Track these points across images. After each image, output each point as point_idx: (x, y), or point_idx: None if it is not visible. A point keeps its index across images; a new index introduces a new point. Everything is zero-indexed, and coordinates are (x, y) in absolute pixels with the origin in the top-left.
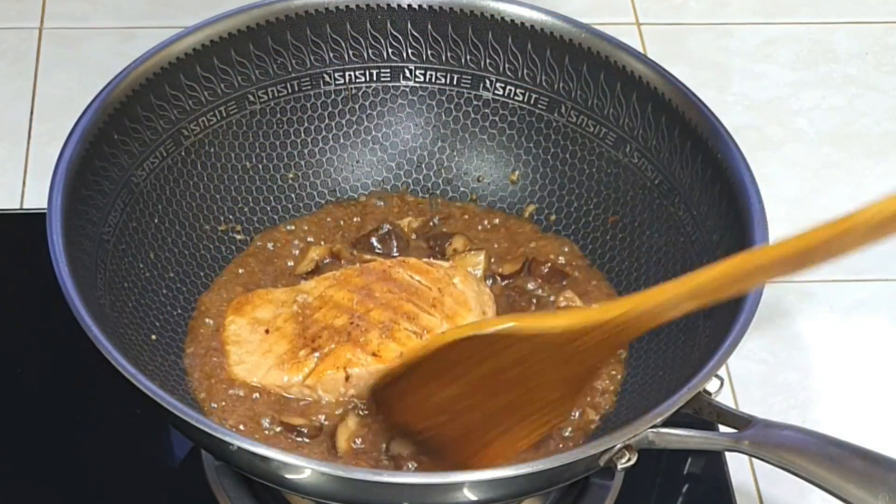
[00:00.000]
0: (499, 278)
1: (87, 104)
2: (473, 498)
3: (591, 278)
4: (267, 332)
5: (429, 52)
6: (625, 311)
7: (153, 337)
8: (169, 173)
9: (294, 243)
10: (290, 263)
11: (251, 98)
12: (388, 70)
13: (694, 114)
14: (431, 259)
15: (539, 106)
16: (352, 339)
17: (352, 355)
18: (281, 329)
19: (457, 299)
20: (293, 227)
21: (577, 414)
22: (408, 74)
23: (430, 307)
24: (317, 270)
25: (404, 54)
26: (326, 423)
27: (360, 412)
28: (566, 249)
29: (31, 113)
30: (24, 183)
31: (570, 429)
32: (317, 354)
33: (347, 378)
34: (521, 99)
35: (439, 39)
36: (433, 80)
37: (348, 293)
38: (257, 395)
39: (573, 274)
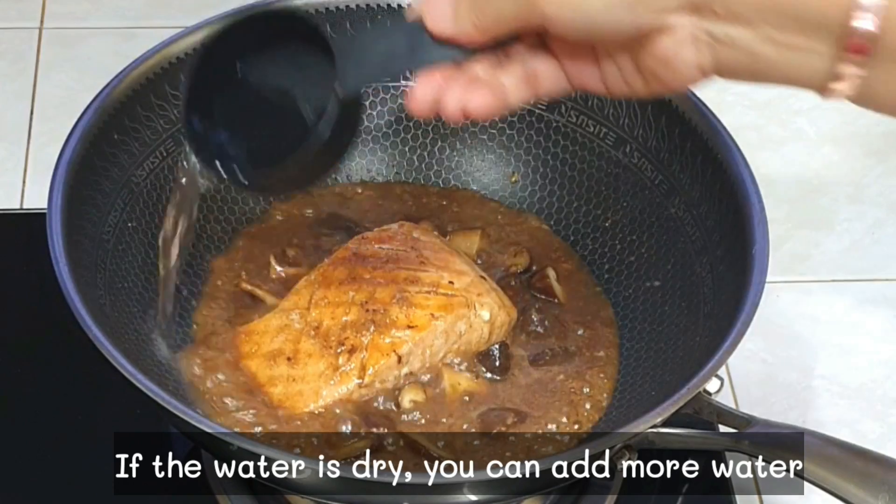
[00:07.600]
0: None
1: (87, 104)
2: (473, 498)
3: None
4: (289, 359)
5: None
6: None
7: (153, 337)
8: (169, 173)
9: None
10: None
11: None
12: None
13: (694, 114)
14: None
15: (539, 106)
16: (378, 324)
17: (391, 338)
18: (301, 350)
19: (432, 248)
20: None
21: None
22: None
23: (420, 265)
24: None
25: None
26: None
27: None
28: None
29: (31, 113)
30: (24, 183)
31: (569, 429)
32: (356, 353)
33: (400, 360)
34: None
35: None
36: None
37: (339, 288)
38: (262, 397)
39: (562, 300)
